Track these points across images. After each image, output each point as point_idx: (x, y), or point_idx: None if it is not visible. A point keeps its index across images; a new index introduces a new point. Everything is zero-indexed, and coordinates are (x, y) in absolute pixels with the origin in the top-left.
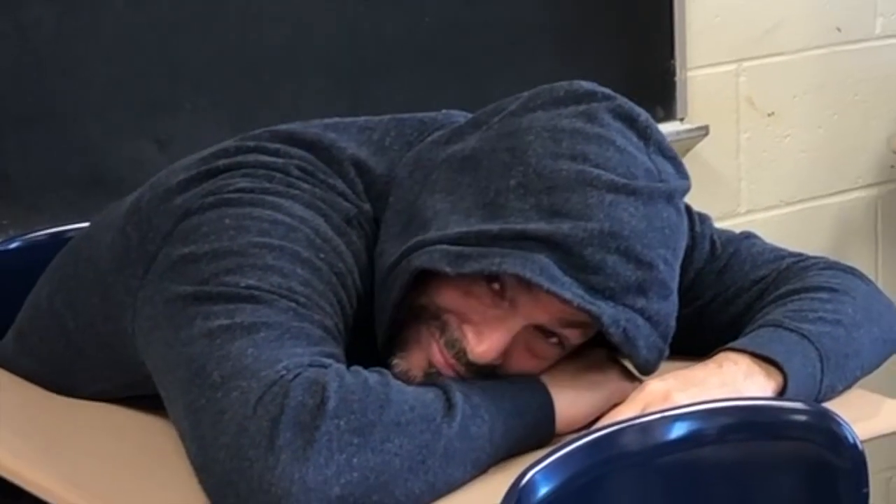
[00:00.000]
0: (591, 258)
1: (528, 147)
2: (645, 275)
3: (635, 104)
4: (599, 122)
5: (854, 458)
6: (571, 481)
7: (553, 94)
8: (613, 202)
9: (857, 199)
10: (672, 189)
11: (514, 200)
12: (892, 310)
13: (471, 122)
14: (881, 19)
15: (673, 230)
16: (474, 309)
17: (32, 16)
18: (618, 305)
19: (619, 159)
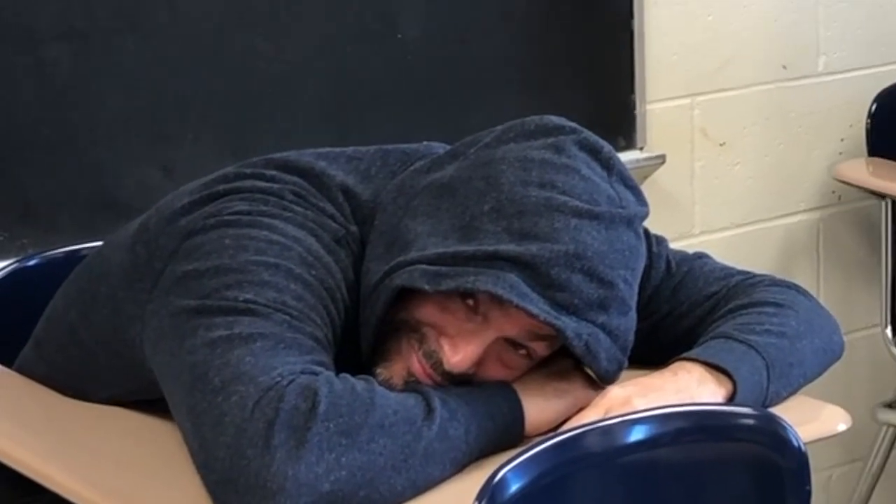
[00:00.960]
0: (557, 277)
1: (501, 175)
2: (606, 293)
3: (599, 136)
4: (566, 154)
5: (798, 459)
6: (539, 479)
7: (524, 128)
8: (578, 226)
9: (800, 222)
10: (632, 215)
11: (488, 224)
12: (832, 323)
13: (449, 153)
14: (823, 58)
15: (632, 252)
16: (450, 323)
17: (51, 54)
18: (581, 320)
19: (583, 187)
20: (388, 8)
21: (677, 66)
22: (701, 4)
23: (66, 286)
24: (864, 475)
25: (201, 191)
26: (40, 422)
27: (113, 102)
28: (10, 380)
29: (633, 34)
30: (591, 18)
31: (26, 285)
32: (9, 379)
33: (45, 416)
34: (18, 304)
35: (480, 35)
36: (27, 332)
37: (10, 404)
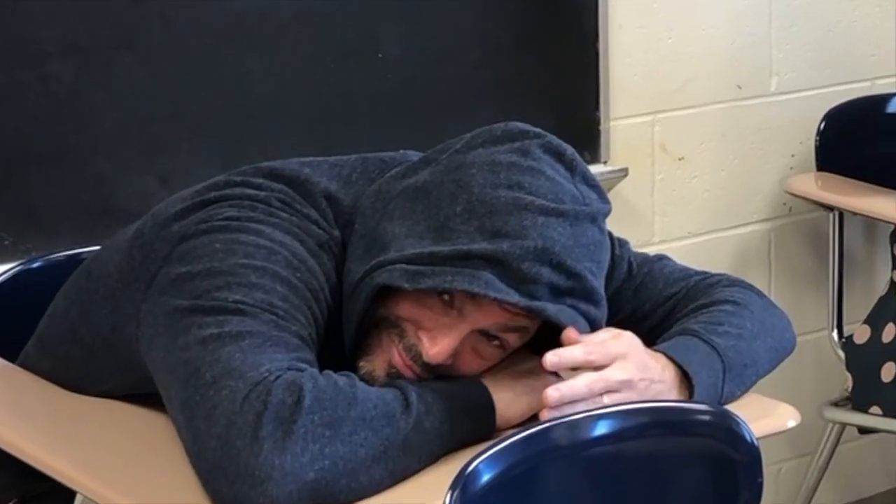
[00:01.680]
0: (528, 271)
1: (472, 179)
2: (574, 283)
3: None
4: (532, 157)
5: (751, 453)
6: (509, 470)
7: (492, 134)
8: (545, 223)
9: (753, 232)
10: (595, 211)
11: (461, 224)
12: (784, 320)
13: (423, 159)
14: (776, 78)
15: (597, 246)
16: (428, 317)
17: (53, 70)
18: (556, 303)
19: (549, 187)
20: (370, 29)
21: (639, 85)
22: (661, 28)
23: (67, 287)
24: (812, 469)
25: (193, 197)
26: (42, 414)
27: (112, 115)
28: (14, 374)
29: (598, 55)
30: (558, 40)
31: (30, 286)
32: (12, 373)
33: (47, 409)
34: (22, 304)
35: (455, 55)
36: (30, 329)
37: (14, 397)
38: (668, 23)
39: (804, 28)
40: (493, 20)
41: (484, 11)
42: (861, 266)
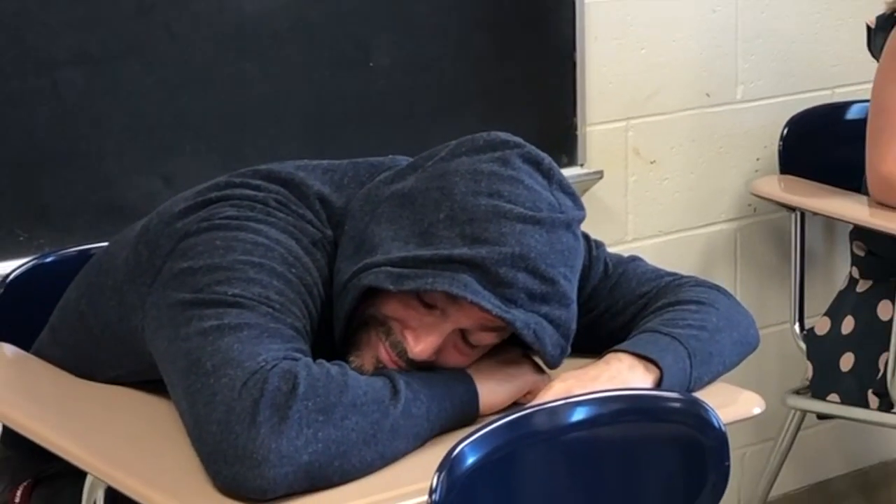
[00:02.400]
0: (504, 276)
1: (455, 186)
2: (548, 288)
3: (542, 151)
4: (511, 166)
5: (718, 438)
6: (493, 453)
7: (474, 143)
8: (522, 230)
9: (720, 231)
10: (570, 218)
11: (443, 230)
12: (748, 318)
13: (410, 166)
14: (741, 87)
15: (571, 252)
16: (412, 317)
17: (65, 76)
18: (528, 312)
19: (527, 196)
20: (362, 39)
21: (613, 93)
22: (634, 40)
23: (78, 280)
24: (774, 453)
25: (195, 197)
26: (54, 399)
27: (119, 120)
28: (28, 362)
29: (575, 65)
30: (539, 51)
31: (43, 279)
32: (27, 361)
33: (59, 395)
34: (36, 296)
35: (442, 64)
36: (43, 319)
37: (28, 383)
38: (640, 35)
39: (768, 40)
40: (476, 32)
41: (468, 24)
42: (821, 262)
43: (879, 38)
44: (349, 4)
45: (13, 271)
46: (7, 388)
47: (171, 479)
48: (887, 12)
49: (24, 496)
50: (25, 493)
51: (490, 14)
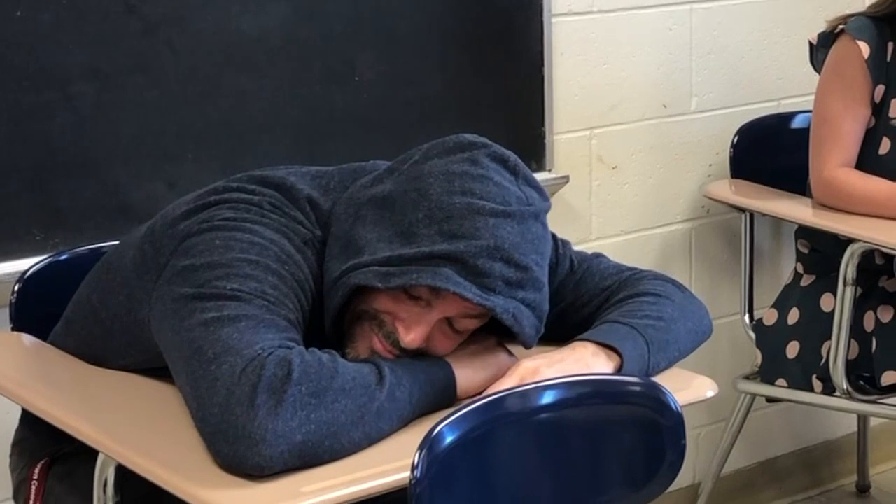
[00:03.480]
0: (482, 266)
1: (430, 188)
2: (522, 275)
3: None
4: (481, 165)
5: (675, 419)
6: (469, 433)
7: (445, 146)
8: (495, 224)
9: (676, 231)
10: (538, 210)
11: (423, 229)
12: (702, 309)
13: (387, 170)
14: (696, 99)
15: (540, 240)
16: (401, 309)
17: (78, 89)
18: (506, 298)
19: (497, 192)
20: (348, 56)
21: (578, 105)
22: (597, 56)
23: (90, 276)
24: (726, 433)
25: (196, 201)
26: (69, 385)
27: (127, 130)
28: (45, 350)
29: (544, 79)
30: (510, 66)
31: (58, 276)
32: (43, 350)
33: (73, 381)
34: (51, 291)
35: (422, 78)
36: (59, 312)
37: (45, 370)
38: (603, 52)
39: (720, 56)
40: (454, 49)
41: (446, 42)
42: (769, 259)
43: (821, 53)
44: (337, 24)
45: (31, 268)
46: (25, 374)
47: (176, 457)
48: (828, 30)
49: (42, 473)
50: (42, 470)
51: (466, 32)
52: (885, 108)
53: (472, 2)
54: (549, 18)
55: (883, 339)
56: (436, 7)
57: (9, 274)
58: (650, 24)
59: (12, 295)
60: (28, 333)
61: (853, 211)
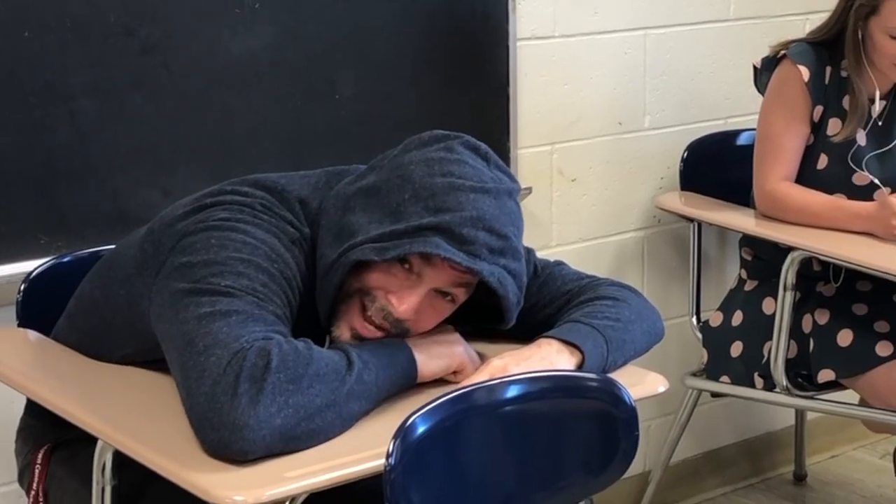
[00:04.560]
0: (467, 235)
1: (412, 173)
2: (503, 243)
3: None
4: (456, 152)
5: (629, 412)
6: (440, 423)
7: (421, 140)
8: (475, 198)
9: (630, 238)
10: (510, 188)
11: (410, 207)
12: (655, 313)
13: (368, 167)
14: (648, 117)
15: (515, 215)
16: (393, 283)
17: (79, 105)
18: (491, 264)
19: (472, 173)
20: (329, 75)
21: (541, 121)
22: (559, 77)
23: (91, 275)
24: (675, 425)
25: (194, 203)
26: (69, 376)
27: (125, 142)
28: (48, 345)
29: (509, 98)
30: (479, 85)
31: (61, 275)
32: (47, 344)
33: (74, 372)
34: (55, 289)
35: (397, 96)
36: (61, 309)
37: (48, 363)
38: (563, 73)
39: (671, 77)
40: (426, 69)
41: (420, 62)
42: (715, 265)
43: (764, 76)
44: (318, 46)
45: (36, 269)
46: (30, 367)
47: (170, 444)
48: (771, 55)
49: (45, 458)
50: (46, 455)
51: (438, 54)
52: (823, 126)
53: (444, 26)
54: (514, 42)
55: (819, 340)
56: (410, 30)
57: (15, 274)
58: (607, 48)
59: (18, 294)
60: (33, 329)
61: (793, 221)
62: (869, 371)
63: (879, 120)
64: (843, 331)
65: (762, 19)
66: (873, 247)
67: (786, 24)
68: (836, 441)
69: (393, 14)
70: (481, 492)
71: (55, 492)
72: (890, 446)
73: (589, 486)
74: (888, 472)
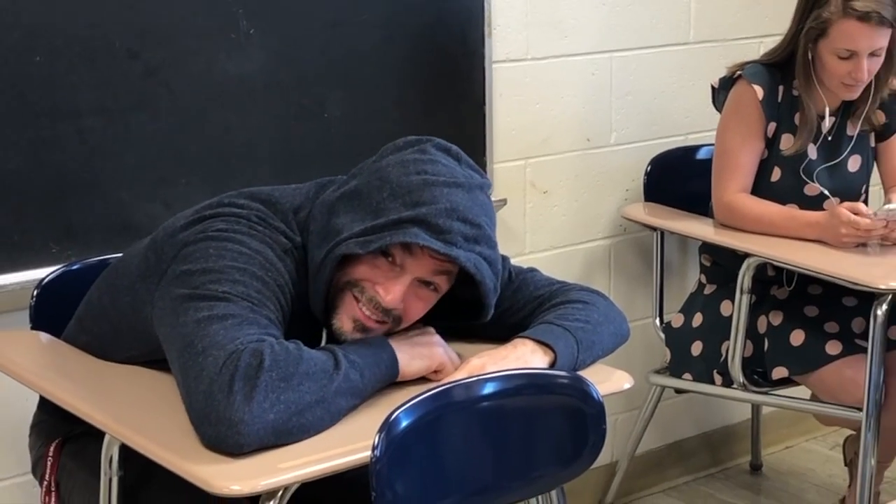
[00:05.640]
0: (443, 225)
1: (389, 175)
2: (477, 231)
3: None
4: (428, 153)
5: (597, 407)
6: (422, 418)
7: (396, 145)
8: (448, 192)
9: (598, 246)
10: (481, 183)
11: (389, 204)
12: (621, 316)
13: (350, 175)
14: (615, 133)
15: (487, 206)
16: (379, 275)
17: (87, 124)
18: (467, 251)
19: (445, 170)
20: (318, 97)
21: (515, 138)
22: (532, 97)
23: (99, 282)
24: (640, 419)
25: (193, 215)
26: (79, 375)
27: (130, 159)
28: (59, 346)
29: (486, 116)
30: (457, 104)
31: (71, 281)
32: (58, 345)
33: (83, 372)
34: (65, 295)
35: (382, 115)
36: (71, 313)
37: (59, 363)
38: (536, 93)
39: (636, 97)
40: (410, 90)
41: (403, 84)
42: (677, 271)
43: (721, 95)
44: (308, 69)
45: (47, 276)
46: (43, 366)
47: (171, 437)
48: (727, 75)
49: (56, 451)
50: (57, 448)
51: (420, 76)
52: (777, 142)
53: (426, 50)
54: (490, 65)
55: (774, 340)
56: (394, 54)
57: (29, 281)
58: (576, 69)
59: (32, 299)
60: (45, 332)
61: (749, 230)
62: (819, 368)
63: (829, 135)
64: (795, 331)
65: (719, 42)
66: (824, 253)
67: (741, 46)
68: (789, 433)
69: (378, 39)
70: (460, 481)
71: (66, 482)
72: (840, 438)
73: (560, 475)
74: (838, 461)
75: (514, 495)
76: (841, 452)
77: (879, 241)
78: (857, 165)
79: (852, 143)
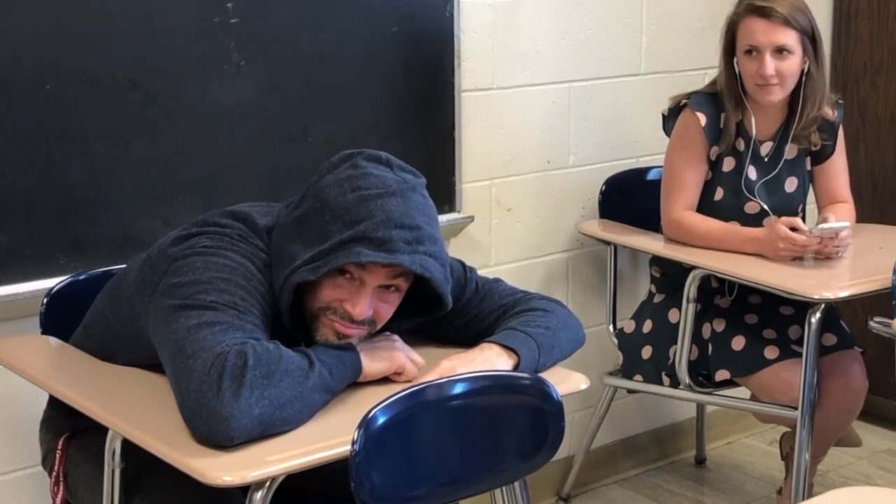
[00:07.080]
0: (383, 236)
1: (327, 197)
2: (416, 233)
3: (434, 204)
4: (360, 167)
5: (556, 406)
6: (397, 415)
7: (331, 163)
8: (383, 203)
9: (557, 259)
10: (415, 185)
11: (331, 227)
12: (578, 323)
13: (300, 196)
14: (573, 156)
15: (424, 206)
16: (343, 292)
17: (93, 147)
18: (411, 255)
19: (377, 181)
20: (302, 121)
21: (482, 160)
22: (496, 122)
23: (102, 293)
24: (595, 416)
25: (181, 232)
26: (85, 376)
27: (131, 178)
28: (67, 349)
29: (455, 140)
30: (429, 129)
31: (78, 290)
32: (66, 349)
33: (88, 373)
34: (72, 303)
35: (360, 138)
36: (78, 320)
37: (67, 365)
38: (500, 119)
39: (592, 122)
40: (386, 116)
41: (380, 110)
42: (629, 281)
43: (670, 122)
44: (293, 96)
45: (56, 286)
46: (52, 367)
47: (169, 433)
48: (674, 104)
49: (64, 445)
50: (65, 442)
51: (395, 103)
52: (720, 164)
53: (399, 79)
54: (459, 93)
55: (717, 345)
56: (372, 84)
57: (39, 290)
58: (537, 97)
59: (42, 306)
60: (54, 336)
61: (694, 244)
62: (758, 371)
63: (766, 158)
64: (736, 337)
65: (668, 73)
66: (763, 266)
67: (688, 77)
68: (731, 430)
69: (356, 71)
70: (432, 473)
71: (73, 473)
72: (776, 434)
73: (522, 468)
74: (775, 456)
75: (481, 486)
76: (778, 448)
77: (814, 255)
78: (794, 186)
79: (789, 165)
